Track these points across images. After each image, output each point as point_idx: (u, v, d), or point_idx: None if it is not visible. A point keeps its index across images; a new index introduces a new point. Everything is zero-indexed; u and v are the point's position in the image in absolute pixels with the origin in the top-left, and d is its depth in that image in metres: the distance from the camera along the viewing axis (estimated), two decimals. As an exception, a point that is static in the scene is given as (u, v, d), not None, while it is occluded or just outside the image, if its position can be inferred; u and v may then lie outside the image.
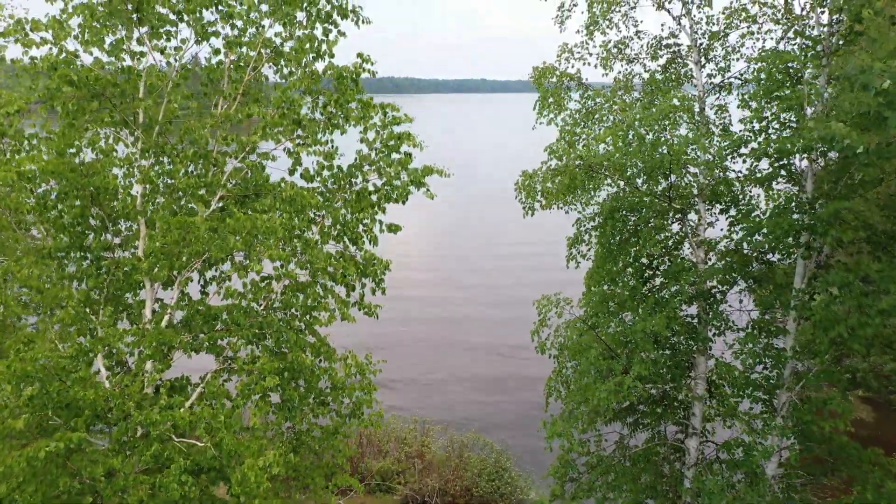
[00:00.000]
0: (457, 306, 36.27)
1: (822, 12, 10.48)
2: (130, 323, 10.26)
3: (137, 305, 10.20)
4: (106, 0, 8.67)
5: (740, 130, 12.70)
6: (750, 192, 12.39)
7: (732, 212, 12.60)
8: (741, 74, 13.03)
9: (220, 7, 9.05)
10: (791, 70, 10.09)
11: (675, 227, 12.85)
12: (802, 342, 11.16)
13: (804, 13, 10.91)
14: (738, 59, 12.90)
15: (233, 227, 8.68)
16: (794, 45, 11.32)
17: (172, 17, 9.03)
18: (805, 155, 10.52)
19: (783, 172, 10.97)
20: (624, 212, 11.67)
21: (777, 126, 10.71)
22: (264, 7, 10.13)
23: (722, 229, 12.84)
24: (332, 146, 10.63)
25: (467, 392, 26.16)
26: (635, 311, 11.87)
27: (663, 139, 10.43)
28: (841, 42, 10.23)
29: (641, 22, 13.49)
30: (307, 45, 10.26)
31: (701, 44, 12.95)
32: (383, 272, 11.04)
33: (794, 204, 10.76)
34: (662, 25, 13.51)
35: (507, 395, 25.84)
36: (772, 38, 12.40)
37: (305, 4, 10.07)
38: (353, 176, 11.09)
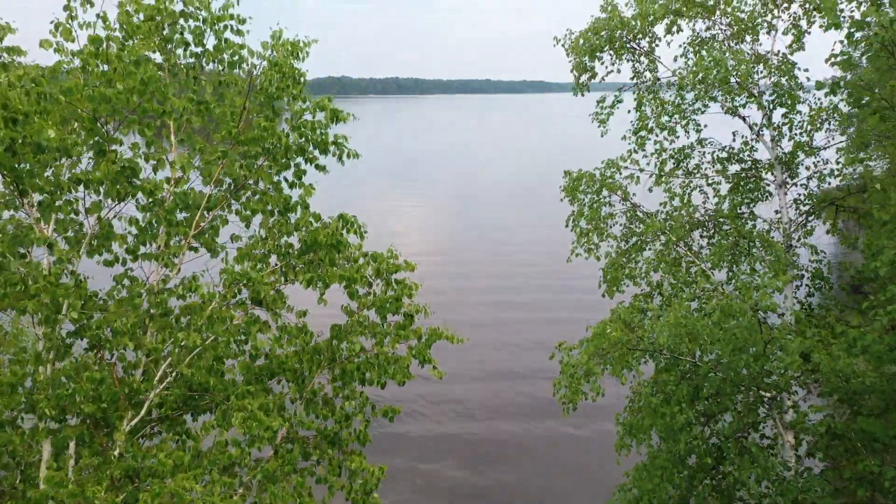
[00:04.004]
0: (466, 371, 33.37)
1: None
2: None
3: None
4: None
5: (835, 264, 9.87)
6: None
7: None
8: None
9: (134, 181, 6.37)
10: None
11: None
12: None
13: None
14: (834, 182, 10.03)
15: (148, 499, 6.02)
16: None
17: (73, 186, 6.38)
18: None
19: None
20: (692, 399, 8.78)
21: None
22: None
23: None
24: (307, 333, 8.00)
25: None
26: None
27: (762, 328, 7.64)
28: None
29: (706, 126, 10.69)
30: (271, 197, 7.71)
31: (784, 158, 10.10)
32: (376, 484, 8.40)
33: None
34: (734, 134, 10.71)
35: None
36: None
37: (268, 144, 7.46)
38: (338, 350, 8.59)
